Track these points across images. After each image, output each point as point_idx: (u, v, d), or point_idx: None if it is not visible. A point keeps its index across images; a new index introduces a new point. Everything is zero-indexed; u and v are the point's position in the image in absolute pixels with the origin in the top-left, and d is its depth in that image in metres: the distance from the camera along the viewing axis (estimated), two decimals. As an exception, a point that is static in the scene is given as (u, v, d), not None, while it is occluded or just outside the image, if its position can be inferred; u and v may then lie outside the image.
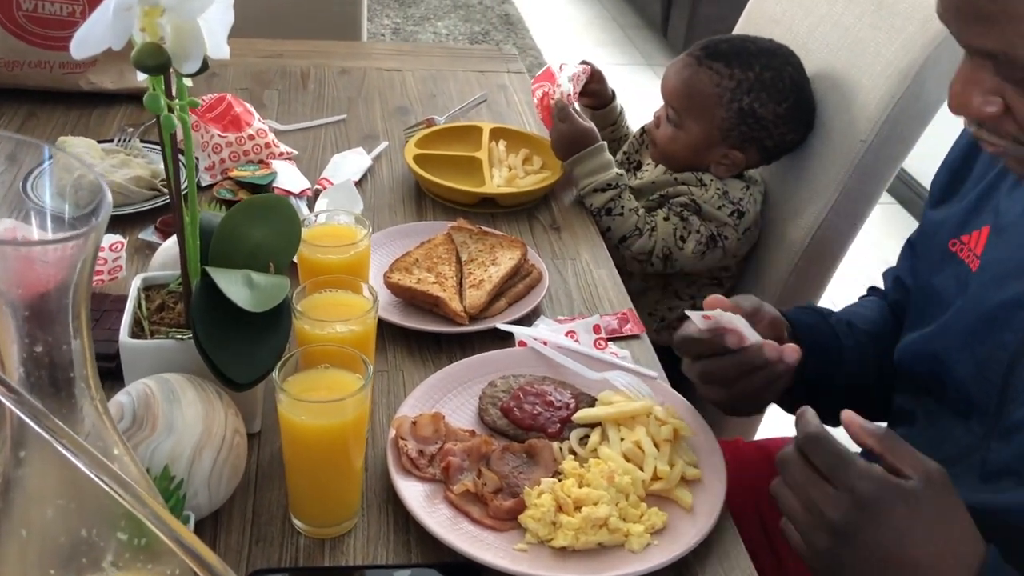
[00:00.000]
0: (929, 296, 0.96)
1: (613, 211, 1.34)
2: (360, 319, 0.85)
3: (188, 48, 0.60)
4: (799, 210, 1.35)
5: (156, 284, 0.92)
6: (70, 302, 0.49)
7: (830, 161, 1.31)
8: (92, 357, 0.53)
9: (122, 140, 1.37)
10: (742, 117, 1.31)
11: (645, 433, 0.89)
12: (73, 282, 0.48)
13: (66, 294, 0.49)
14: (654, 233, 1.35)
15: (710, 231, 1.34)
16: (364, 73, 1.70)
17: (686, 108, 1.34)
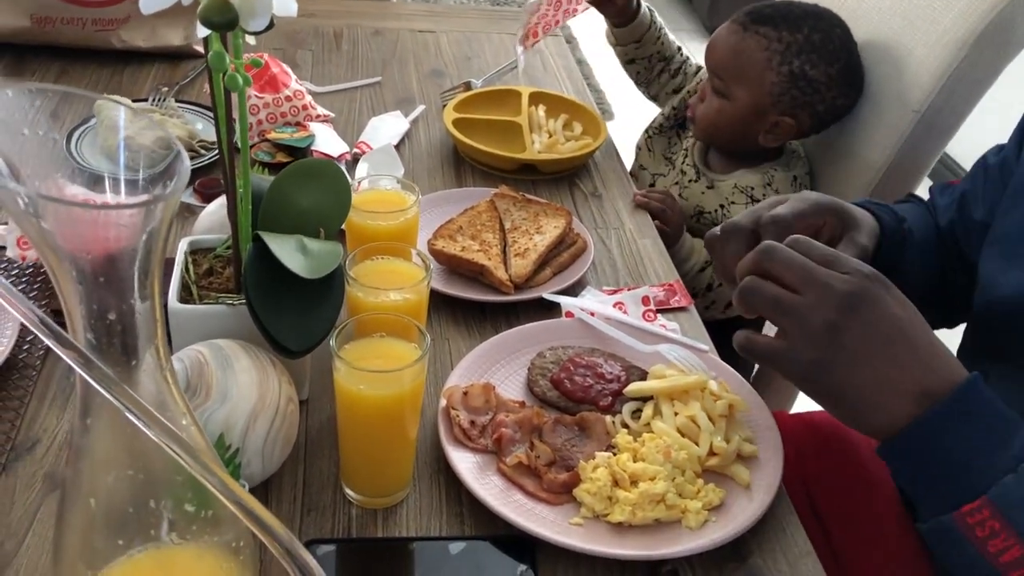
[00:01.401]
0: (1010, 252, 0.88)
1: (713, 286, 1.36)
2: (414, 287, 0.83)
3: (256, 3, 0.58)
4: (846, 180, 1.33)
5: (202, 248, 0.91)
6: (140, 268, 0.48)
7: (880, 131, 1.28)
8: (163, 325, 0.51)
9: (157, 99, 1.34)
10: (793, 80, 1.28)
11: (700, 408, 0.87)
12: (141, 248, 0.47)
13: (136, 260, 0.47)
14: None
15: None
16: (397, 34, 1.67)
17: (734, 76, 1.31)
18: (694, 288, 1.36)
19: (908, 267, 0.95)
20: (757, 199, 1.38)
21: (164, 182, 0.49)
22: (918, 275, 0.96)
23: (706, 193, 1.42)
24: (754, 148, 1.38)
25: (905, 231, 0.96)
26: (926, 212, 1.04)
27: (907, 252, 0.95)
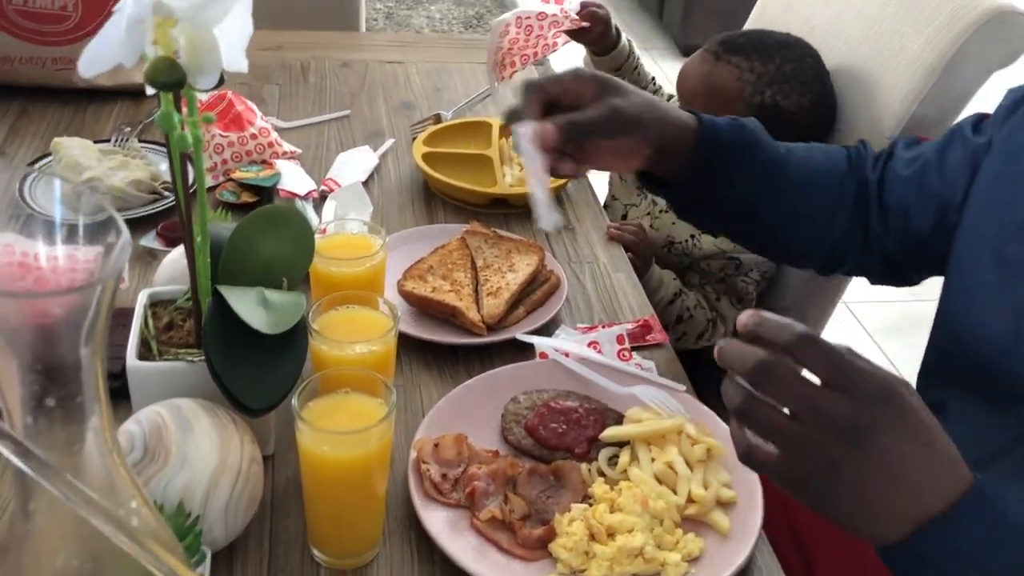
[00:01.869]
0: (982, 267, 0.88)
1: (684, 317, 1.35)
2: (381, 339, 0.81)
3: (204, 62, 0.56)
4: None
5: (163, 300, 0.88)
6: (84, 350, 0.45)
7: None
8: (108, 405, 0.49)
9: (119, 140, 1.32)
10: (765, 111, 1.27)
11: (677, 453, 0.85)
12: (85, 330, 0.44)
13: (78, 342, 0.44)
14: (723, 320, 1.37)
15: (754, 278, 1.34)
16: (366, 66, 1.65)
17: (706, 106, 1.30)
18: (664, 320, 1.34)
19: (762, 190, 0.97)
20: None
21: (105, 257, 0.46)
22: (789, 205, 0.99)
23: (677, 223, 1.41)
24: None
25: (759, 148, 0.96)
26: (847, 158, 1.03)
27: (759, 172, 0.96)
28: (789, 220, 1.01)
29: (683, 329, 1.37)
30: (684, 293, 1.37)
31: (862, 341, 2.55)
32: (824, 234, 1.03)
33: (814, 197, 1.01)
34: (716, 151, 0.94)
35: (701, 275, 1.40)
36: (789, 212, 1.00)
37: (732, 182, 0.96)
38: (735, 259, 1.36)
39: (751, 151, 0.96)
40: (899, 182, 1.00)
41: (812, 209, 1.01)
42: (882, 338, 2.57)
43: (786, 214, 1.01)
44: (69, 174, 1.20)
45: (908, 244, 1.00)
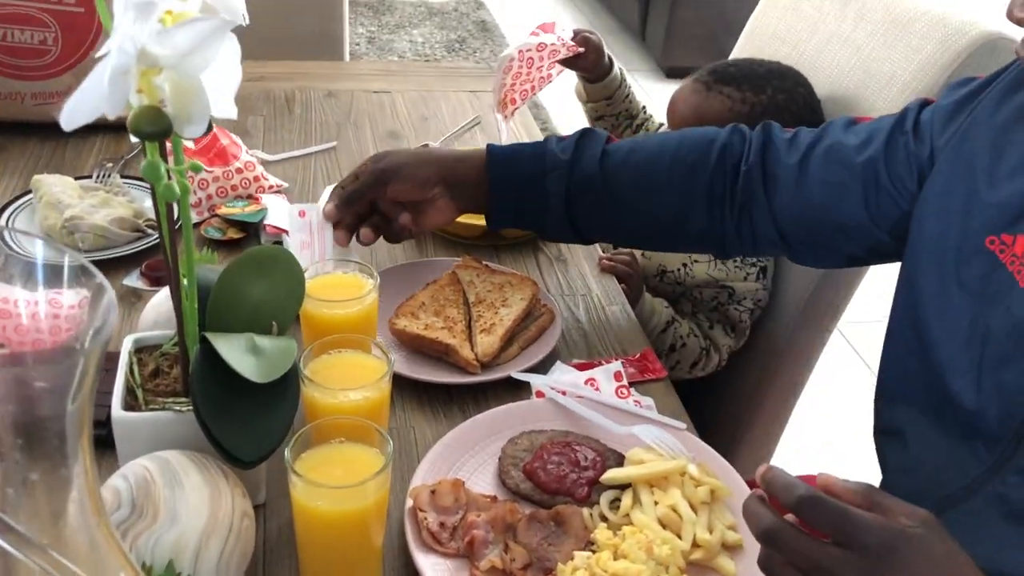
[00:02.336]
0: (936, 289, 0.86)
1: (677, 346, 1.33)
2: (375, 384, 0.78)
3: (191, 110, 0.54)
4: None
5: (148, 345, 0.85)
6: (69, 417, 0.43)
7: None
8: (95, 477, 0.46)
9: (101, 176, 1.29)
10: None
11: (681, 495, 0.83)
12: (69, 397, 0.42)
13: (62, 410, 0.42)
14: (716, 349, 1.35)
15: (747, 307, 1.33)
16: (352, 96, 1.63)
17: None
18: (657, 348, 1.33)
19: (584, 204, 1.04)
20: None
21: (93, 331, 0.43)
22: (630, 210, 1.03)
23: (668, 253, 1.40)
24: None
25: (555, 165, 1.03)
26: (716, 150, 1.02)
27: (575, 190, 1.03)
28: (634, 222, 1.05)
29: (676, 358, 1.35)
30: (677, 321, 1.35)
31: (853, 364, 2.54)
32: (681, 229, 1.05)
33: (657, 197, 1.04)
34: (510, 183, 1.04)
35: (694, 304, 1.38)
36: (629, 215, 1.04)
37: (544, 206, 1.04)
38: (728, 288, 1.35)
39: (551, 174, 1.03)
40: (835, 171, 0.97)
41: (655, 209, 1.04)
42: (873, 359, 2.57)
43: (628, 218, 1.05)
44: (50, 212, 1.17)
45: (835, 234, 0.99)
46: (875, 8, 1.28)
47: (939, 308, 0.86)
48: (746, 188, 1.01)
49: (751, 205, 1.01)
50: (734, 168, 1.02)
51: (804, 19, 1.40)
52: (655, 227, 1.06)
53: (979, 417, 0.81)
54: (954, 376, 0.83)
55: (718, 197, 1.02)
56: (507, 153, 1.05)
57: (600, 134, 1.06)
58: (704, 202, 1.02)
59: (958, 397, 0.83)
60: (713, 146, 1.02)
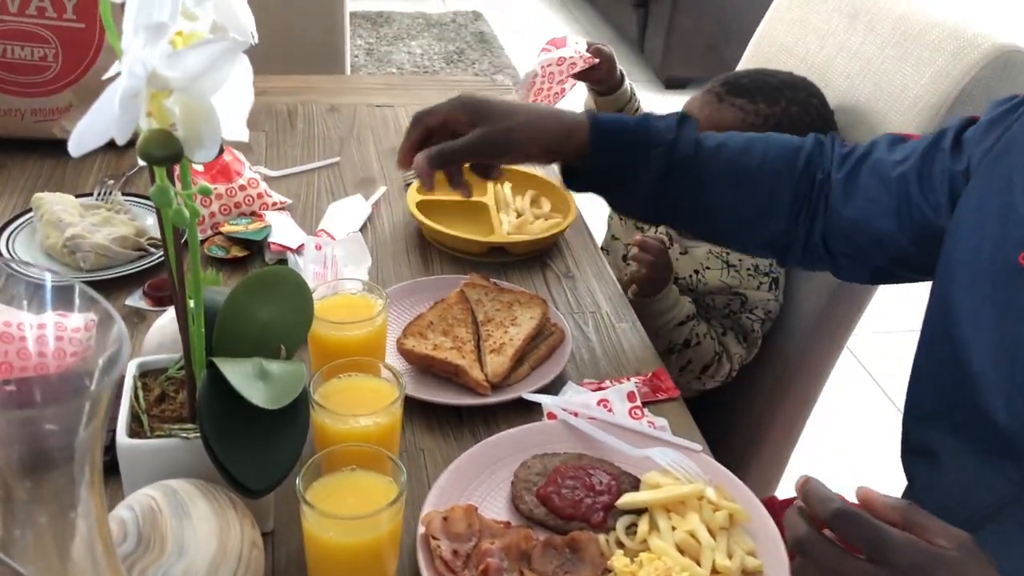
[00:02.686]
0: (969, 305, 0.85)
1: (692, 342, 1.30)
2: (387, 409, 0.76)
3: (202, 133, 0.52)
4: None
5: (153, 369, 0.83)
6: (77, 468, 0.41)
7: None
8: (105, 520, 0.44)
9: (102, 194, 1.27)
10: None
11: (699, 520, 0.81)
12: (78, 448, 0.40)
13: (71, 460, 0.40)
14: (728, 357, 1.33)
15: (759, 316, 1.31)
16: (354, 110, 1.62)
17: None
18: (672, 341, 1.31)
19: (673, 185, 1.02)
20: (733, 263, 1.34)
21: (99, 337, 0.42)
22: (713, 199, 1.02)
23: (680, 259, 1.38)
24: None
25: (670, 145, 1.01)
26: (804, 155, 1.02)
27: (668, 169, 1.01)
28: (716, 213, 1.04)
29: (689, 356, 1.32)
30: (697, 319, 1.33)
31: (858, 376, 2.52)
32: (760, 227, 1.04)
33: (745, 193, 1.02)
34: (613, 154, 1.02)
35: (706, 310, 1.37)
36: (714, 205, 1.03)
37: (636, 179, 1.02)
38: (740, 295, 1.33)
39: (654, 150, 1.01)
40: (873, 185, 0.98)
41: (740, 204, 1.03)
42: (875, 369, 2.55)
43: (711, 207, 1.03)
44: (51, 231, 1.16)
45: (870, 247, 0.99)
46: (885, 20, 1.27)
47: (971, 324, 0.84)
48: (818, 197, 1.02)
49: (817, 214, 1.02)
50: (815, 177, 1.02)
51: (812, 31, 1.39)
52: (735, 221, 1.05)
53: (1010, 434, 0.80)
54: (986, 393, 0.82)
55: (801, 202, 1.02)
56: (613, 126, 1.03)
57: (694, 119, 1.04)
58: (788, 206, 1.02)
59: (990, 414, 0.81)
60: (800, 152, 1.02)
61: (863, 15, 1.31)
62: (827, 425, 2.25)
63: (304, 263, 1.14)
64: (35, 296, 0.58)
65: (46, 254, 1.15)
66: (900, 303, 2.79)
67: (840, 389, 2.24)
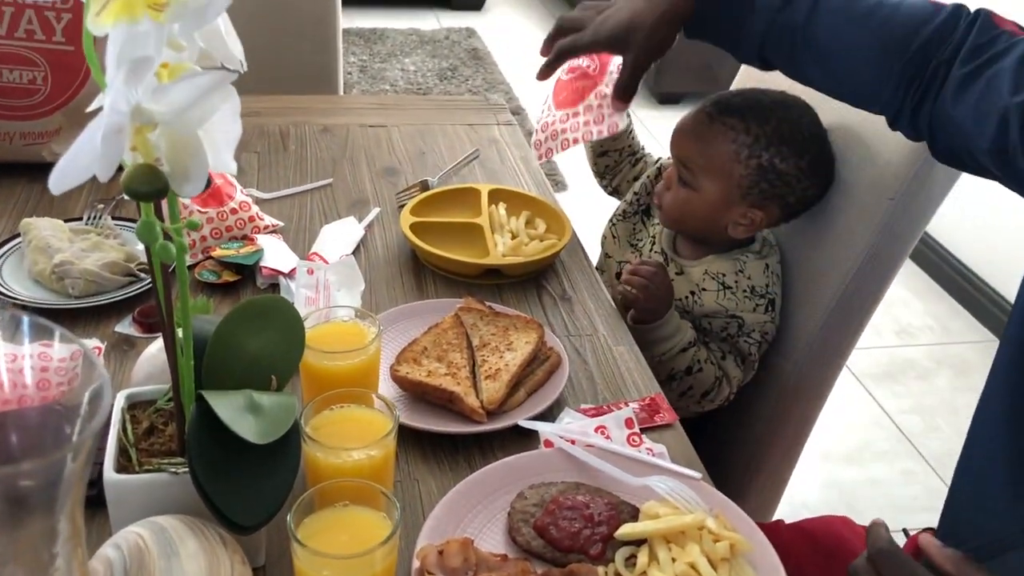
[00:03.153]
0: None
1: (694, 369, 1.28)
2: (380, 442, 0.75)
3: (188, 167, 0.51)
4: (824, 271, 1.28)
5: (142, 401, 0.82)
6: (58, 523, 0.39)
7: (854, 219, 1.24)
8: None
9: (92, 218, 1.26)
10: (762, 173, 1.23)
11: (699, 551, 0.80)
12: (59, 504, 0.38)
13: (51, 516, 0.39)
14: (728, 380, 1.31)
15: (756, 339, 1.29)
16: (347, 131, 1.61)
17: (701, 167, 1.26)
18: (674, 368, 1.29)
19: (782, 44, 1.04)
20: (729, 285, 1.32)
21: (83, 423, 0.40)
22: (819, 61, 1.03)
23: (676, 279, 1.37)
24: (723, 237, 1.33)
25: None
26: (932, 27, 0.96)
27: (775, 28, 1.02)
28: (828, 77, 1.05)
29: (691, 382, 1.31)
30: (698, 345, 1.31)
31: (850, 387, 2.51)
32: (871, 94, 1.02)
33: (851, 64, 1.01)
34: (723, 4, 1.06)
35: (704, 333, 1.35)
36: (821, 68, 1.04)
37: (739, 36, 1.06)
38: (737, 318, 1.32)
39: (761, 14, 1.03)
40: (983, 103, 0.90)
41: (846, 72, 1.02)
42: (871, 384, 2.54)
43: (819, 70, 1.04)
44: (39, 257, 1.14)
45: (967, 159, 0.95)
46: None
47: None
48: (929, 82, 0.96)
49: (927, 98, 0.97)
50: (929, 61, 0.96)
51: (807, 50, 1.38)
52: (837, 92, 1.07)
53: None
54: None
55: (910, 81, 0.97)
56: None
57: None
58: (896, 79, 0.98)
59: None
60: (925, 28, 0.97)
61: None
62: (825, 441, 2.24)
63: (296, 288, 1.13)
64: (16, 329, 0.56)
65: (35, 280, 1.14)
66: (894, 322, 2.79)
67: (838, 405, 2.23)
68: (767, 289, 1.30)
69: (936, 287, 2.98)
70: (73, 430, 0.40)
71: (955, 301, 2.90)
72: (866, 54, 0.99)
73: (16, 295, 1.10)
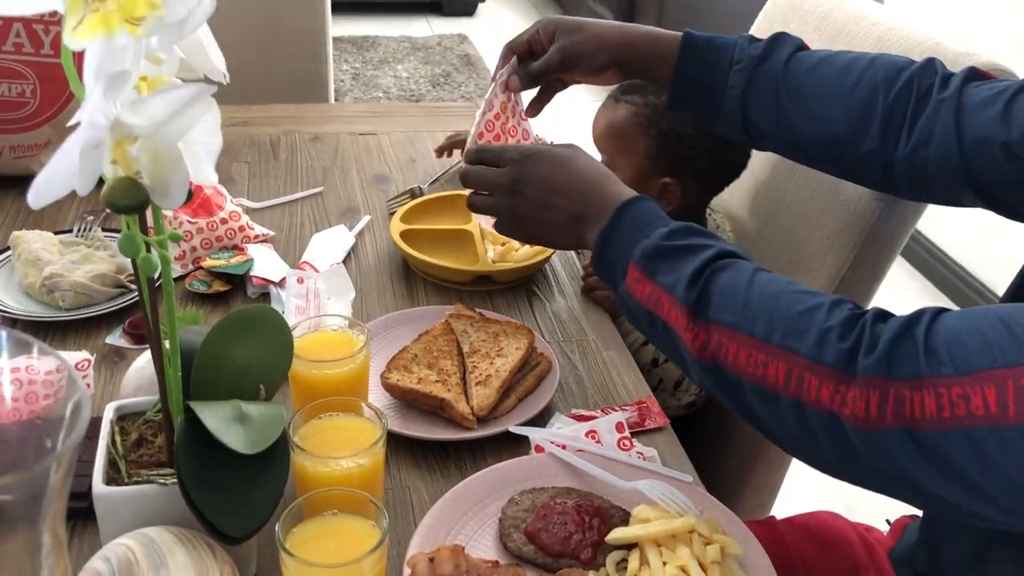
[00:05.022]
0: None
1: (659, 361, 1.31)
2: (368, 451, 0.75)
3: (168, 180, 0.51)
4: (812, 272, 1.28)
5: (131, 412, 0.82)
6: (41, 537, 0.39)
7: (844, 220, 1.24)
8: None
9: (82, 230, 1.26)
10: (664, 141, 1.30)
11: (690, 555, 0.80)
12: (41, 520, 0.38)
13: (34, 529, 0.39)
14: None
15: None
16: (337, 139, 1.61)
17: (613, 147, 1.34)
18: (640, 362, 1.29)
19: (758, 102, 1.02)
20: None
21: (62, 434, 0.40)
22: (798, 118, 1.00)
23: None
24: None
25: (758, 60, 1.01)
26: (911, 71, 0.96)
27: (753, 85, 1.01)
28: (803, 130, 1.02)
29: (659, 375, 1.32)
30: None
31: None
32: (852, 146, 0.99)
33: (834, 110, 0.99)
34: (694, 69, 1.04)
35: None
36: (800, 122, 1.01)
37: (722, 96, 1.03)
38: None
39: (738, 66, 1.02)
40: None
41: (828, 121, 1.00)
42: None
43: (796, 125, 1.02)
44: (29, 270, 1.14)
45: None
46: (865, 40, 1.27)
47: None
48: (935, 114, 0.94)
49: (935, 134, 0.94)
50: (921, 95, 0.95)
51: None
52: (825, 137, 1.01)
53: None
54: None
55: (897, 123, 0.96)
56: (701, 43, 1.04)
57: (794, 39, 1.03)
58: (881, 124, 0.97)
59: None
60: (904, 72, 0.97)
61: (843, 35, 1.30)
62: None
63: (286, 296, 1.13)
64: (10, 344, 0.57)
65: (25, 293, 1.14)
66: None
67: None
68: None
69: (931, 287, 2.98)
70: (55, 443, 0.40)
71: (951, 301, 2.90)
72: (848, 100, 0.98)
73: (6, 308, 1.10)
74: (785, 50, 1.02)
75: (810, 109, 1.00)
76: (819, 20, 1.36)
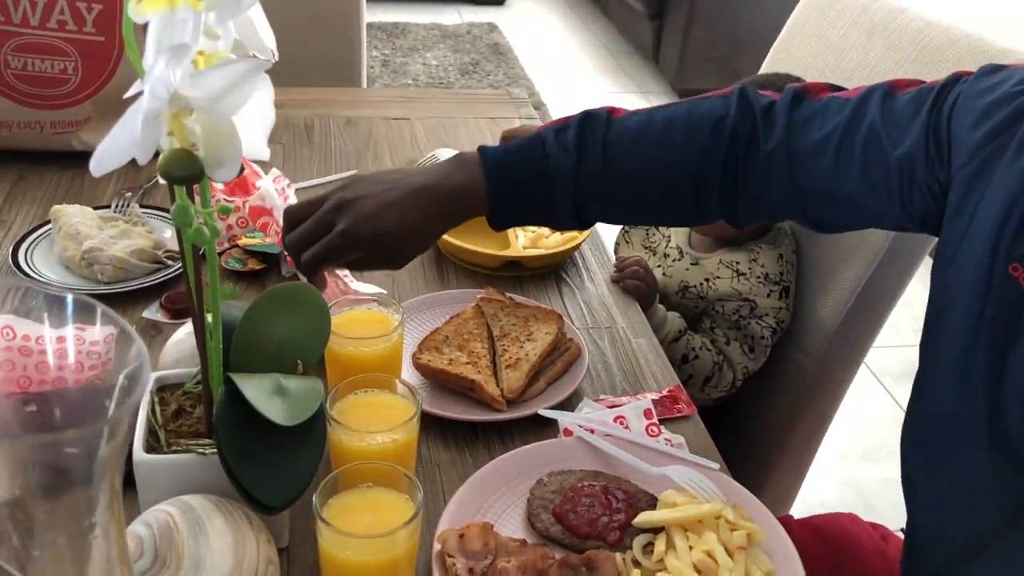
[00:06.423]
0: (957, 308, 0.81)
1: (689, 357, 1.31)
2: (403, 427, 0.76)
3: (223, 153, 0.52)
4: (843, 266, 1.28)
5: (170, 384, 0.84)
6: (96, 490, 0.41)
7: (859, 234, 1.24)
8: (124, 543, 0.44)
9: (120, 206, 1.28)
10: None
11: (716, 540, 0.81)
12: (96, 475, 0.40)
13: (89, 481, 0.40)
14: (731, 366, 1.33)
15: (770, 325, 1.30)
16: (370, 123, 1.62)
17: None
18: (670, 358, 1.30)
19: (587, 200, 0.95)
20: (743, 272, 1.33)
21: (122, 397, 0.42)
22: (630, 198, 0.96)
23: (690, 269, 1.38)
24: (736, 232, 1.34)
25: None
26: (729, 125, 0.93)
27: (573, 187, 0.93)
28: (650, 208, 0.99)
29: (689, 371, 1.32)
30: (689, 333, 1.33)
31: (869, 385, 2.51)
32: (697, 209, 0.96)
33: (670, 185, 0.95)
34: (511, 194, 0.94)
35: (713, 319, 1.36)
36: (641, 203, 0.97)
37: (553, 208, 0.95)
38: (750, 301, 1.33)
39: (559, 179, 0.93)
40: (871, 157, 0.86)
41: (669, 195, 0.96)
42: (890, 383, 2.53)
43: (640, 205, 0.98)
44: (69, 244, 1.16)
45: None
46: (903, 36, 1.26)
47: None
48: (768, 168, 0.92)
49: (772, 184, 0.93)
50: (748, 147, 0.93)
51: (829, 47, 1.39)
52: (667, 210, 0.99)
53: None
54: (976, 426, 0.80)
55: (731, 176, 0.94)
56: (506, 165, 0.94)
57: (599, 119, 0.95)
58: (719, 184, 0.94)
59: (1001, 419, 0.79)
60: (724, 125, 0.93)
61: (881, 31, 1.30)
62: (842, 439, 2.23)
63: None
64: (55, 310, 0.58)
65: (64, 266, 1.16)
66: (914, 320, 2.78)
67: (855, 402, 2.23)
68: (781, 277, 1.32)
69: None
70: (112, 402, 0.41)
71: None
72: (680, 172, 0.94)
73: (47, 280, 1.12)
74: (598, 138, 0.94)
75: (647, 190, 0.95)
76: (856, 15, 1.36)
